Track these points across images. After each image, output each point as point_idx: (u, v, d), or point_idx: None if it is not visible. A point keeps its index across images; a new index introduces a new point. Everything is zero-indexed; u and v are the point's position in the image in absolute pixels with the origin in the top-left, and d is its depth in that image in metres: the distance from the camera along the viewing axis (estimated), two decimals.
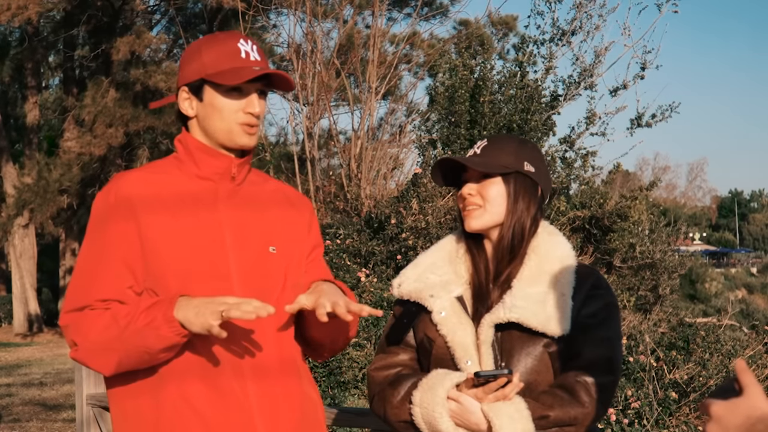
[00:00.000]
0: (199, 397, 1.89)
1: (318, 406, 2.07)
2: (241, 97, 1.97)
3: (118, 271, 1.91)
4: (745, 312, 22.00)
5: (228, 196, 2.00)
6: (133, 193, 1.94)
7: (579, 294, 2.04)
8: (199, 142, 2.00)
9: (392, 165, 12.40)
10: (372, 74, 11.94)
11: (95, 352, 1.89)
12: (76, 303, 1.92)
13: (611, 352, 2.02)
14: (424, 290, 2.11)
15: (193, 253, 1.92)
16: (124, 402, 1.96)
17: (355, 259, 8.78)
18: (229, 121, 1.97)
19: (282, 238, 2.04)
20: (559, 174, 10.53)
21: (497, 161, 2.08)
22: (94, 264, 1.94)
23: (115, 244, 1.92)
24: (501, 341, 2.01)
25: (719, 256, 55.78)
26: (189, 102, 2.00)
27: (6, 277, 26.92)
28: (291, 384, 1.99)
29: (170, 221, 1.93)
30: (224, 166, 2.00)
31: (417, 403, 1.98)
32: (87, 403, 4.07)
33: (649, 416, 5.58)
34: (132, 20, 20.64)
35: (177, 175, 2.00)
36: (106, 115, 18.53)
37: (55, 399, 10.83)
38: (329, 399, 6.52)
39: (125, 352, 1.86)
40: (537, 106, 10.08)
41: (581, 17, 10.98)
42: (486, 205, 2.09)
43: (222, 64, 1.95)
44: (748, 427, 1.13)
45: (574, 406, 1.94)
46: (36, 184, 19.22)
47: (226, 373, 1.90)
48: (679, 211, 42.95)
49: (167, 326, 1.81)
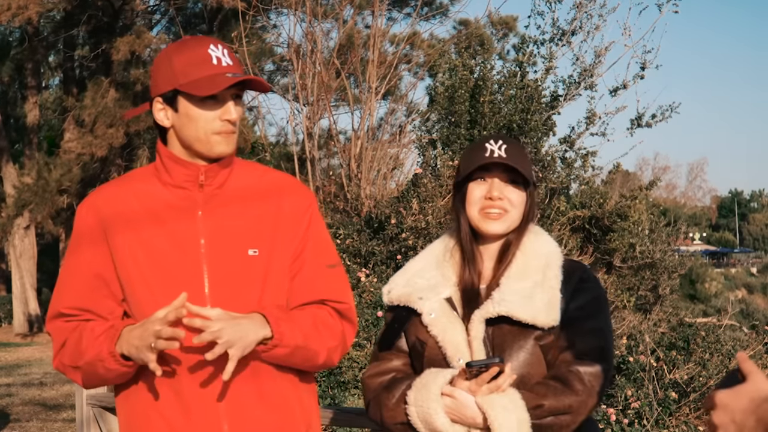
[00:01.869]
0: (166, 403, 1.93)
1: (295, 409, 2.02)
2: (217, 104, 1.92)
3: (92, 284, 1.98)
4: (745, 312, 21.99)
5: (206, 201, 1.98)
6: (107, 213, 1.98)
7: (567, 287, 2.05)
8: (169, 152, 1.98)
9: (392, 165, 12.40)
10: (372, 74, 11.94)
11: (68, 368, 2.00)
12: (52, 311, 2.02)
13: (602, 341, 2.03)
14: (412, 294, 2.13)
15: (165, 265, 1.92)
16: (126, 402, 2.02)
17: (355, 259, 8.78)
18: (205, 130, 1.92)
19: (267, 238, 1.99)
20: (559, 174, 10.52)
21: (524, 169, 2.08)
22: (69, 276, 2.02)
23: (87, 263, 1.99)
24: (492, 337, 2.02)
25: (719, 256, 55.78)
26: (164, 112, 1.96)
27: (6, 277, 26.90)
28: (266, 386, 1.96)
29: (143, 237, 1.95)
30: (193, 174, 1.96)
31: (412, 403, 1.99)
32: (87, 403, 4.07)
33: (649, 416, 5.57)
34: (132, 20, 20.62)
35: (155, 184, 2.00)
36: (106, 115, 18.51)
37: (55, 399, 10.83)
38: (329, 399, 6.52)
39: (85, 375, 1.97)
40: (537, 106, 10.07)
41: (581, 17, 10.98)
42: (512, 212, 2.09)
43: (194, 73, 1.89)
44: (753, 408, 1.14)
45: (568, 394, 1.95)
46: (36, 184, 19.20)
47: (197, 375, 1.91)
48: (679, 211, 42.94)
49: (112, 359, 1.88)
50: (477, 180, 2.10)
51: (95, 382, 1.99)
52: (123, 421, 2.02)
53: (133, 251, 1.94)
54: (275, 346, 1.90)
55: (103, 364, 1.89)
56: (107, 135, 18.57)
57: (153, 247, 1.93)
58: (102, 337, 1.90)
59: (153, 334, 1.78)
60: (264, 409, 1.95)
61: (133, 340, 1.83)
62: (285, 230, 2.01)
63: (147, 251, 1.93)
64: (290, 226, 2.02)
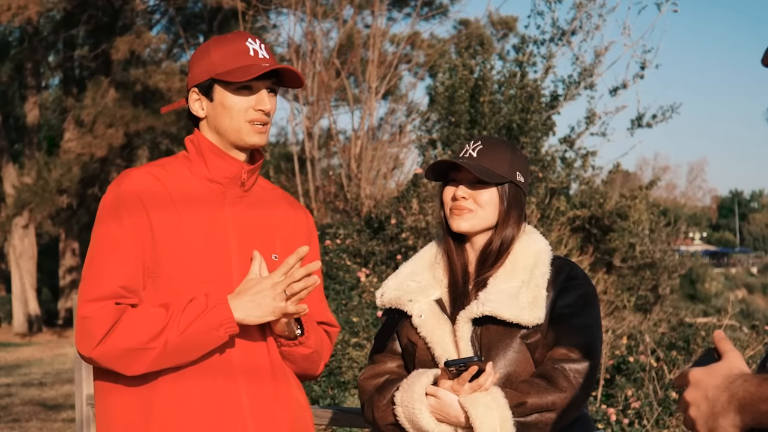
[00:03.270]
0: (192, 398, 1.89)
1: (306, 410, 2.08)
2: (251, 94, 1.97)
3: (138, 262, 1.90)
4: (745, 312, 21.97)
5: (235, 201, 2.00)
6: (143, 189, 1.93)
7: (554, 285, 2.08)
8: (212, 144, 1.99)
9: (392, 165, 12.41)
10: (372, 74, 11.95)
11: (125, 353, 1.84)
12: (99, 291, 1.87)
13: (589, 338, 2.05)
14: (403, 296, 2.17)
15: (198, 254, 1.92)
16: (110, 397, 1.95)
17: (355, 259, 8.78)
18: (238, 119, 1.96)
19: (284, 246, 2.04)
20: (559, 174, 10.52)
21: (494, 169, 2.11)
22: (111, 251, 1.90)
23: (130, 235, 1.90)
24: (480, 337, 2.05)
25: (719, 256, 55.75)
26: (199, 103, 2.00)
27: (6, 277, 26.89)
28: (282, 387, 1.99)
29: (178, 220, 1.93)
30: (235, 171, 1.99)
31: (399, 403, 2.02)
32: (87, 403, 4.07)
33: (649, 416, 5.57)
34: (132, 20, 20.64)
35: (185, 174, 1.99)
36: (106, 115, 18.52)
37: (55, 399, 10.83)
38: (329, 399, 6.52)
39: (166, 355, 1.84)
40: (537, 106, 10.07)
41: (581, 17, 10.97)
42: (477, 210, 2.11)
43: (231, 63, 1.95)
44: (726, 385, 1.14)
45: (552, 392, 1.97)
46: (36, 184, 19.22)
47: (218, 373, 1.91)
48: (679, 211, 42.94)
49: (225, 327, 1.85)
50: (450, 182, 2.16)
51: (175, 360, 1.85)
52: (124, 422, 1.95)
53: (169, 234, 1.91)
54: (301, 343, 1.97)
55: (214, 333, 1.84)
56: (107, 135, 18.59)
57: (185, 235, 1.92)
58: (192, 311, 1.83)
59: (280, 283, 1.84)
60: (281, 410, 1.97)
61: (254, 300, 1.85)
62: (295, 243, 2.05)
63: (180, 238, 1.92)
64: (297, 239, 2.08)
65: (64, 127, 20.97)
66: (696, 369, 1.19)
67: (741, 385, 1.12)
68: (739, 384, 1.12)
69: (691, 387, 1.18)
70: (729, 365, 1.17)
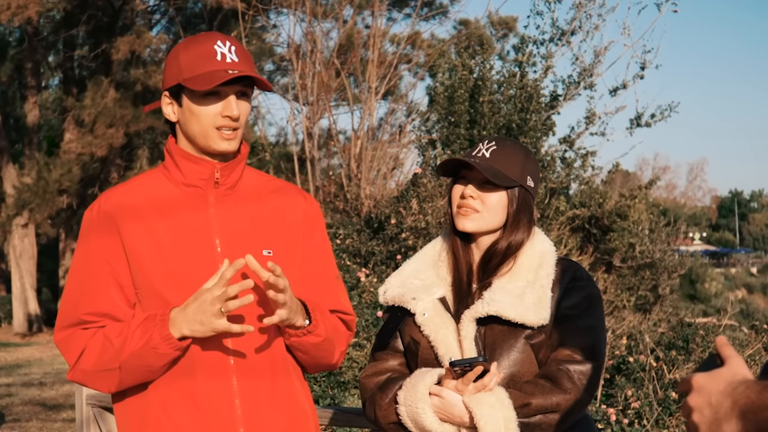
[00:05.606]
0: (183, 400, 1.88)
1: (306, 414, 2.03)
2: (218, 100, 1.91)
3: (106, 285, 1.91)
4: (745, 312, 21.97)
5: (218, 201, 1.97)
6: (116, 207, 1.93)
7: (559, 286, 2.07)
8: (181, 150, 1.96)
9: (392, 165, 12.40)
10: (372, 74, 11.94)
11: (93, 375, 1.89)
12: (68, 319, 1.92)
13: (593, 340, 2.05)
14: (406, 294, 2.15)
15: (180, 261, 1.90)
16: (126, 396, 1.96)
17: (355, 259, 8.78)
18: (206, 125, 1.91)
19: (279, 240, 2.00)
20: (559, 174, 10.51)
21: (505, 171, 2.09)
22: (82, 279, 1.94)
23: (99, 259, 1.91)
24: (484, 336, 2.04)
25: (719, 256, 55.73)
26: (171, 107, 1.97)
27: (6, 277, 26.89)
28: (281, 389, 1.96)
29: (155, 230, 1.91)
30: (207, 172, 1.95)
31: (402, 402, 2.01)
32: (87, 403, 4.07)
33: (649, 416, 5.57)
34: (132, 20, 20.63)
35: (165, 183, 1.98)
36: (106, 115, 18.51)
37: (55, 399, 10.83)
38: (329, 399, 6.52)
39: (126, 373, 1.87)
40: (536, 106, 10.06)
41: (581, 17, 10.97)
42: (483, 211, 2.10)
43: (196, 68, 1.88)
44: (729, 391, 1.14)
45: (556, 393, 1.96)
46: (36, 184, 19.20)
47: (214, 374, 1.89)
48: (679, 211, 42.94)
49: (165, 344, 1.81)
50: (460, 180, 2.14)
51: (136, 377, 1.87)
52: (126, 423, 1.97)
53: (145, 246, 1.90)
54: (309, 332, 1.93)
55: (155, 351, 1.81)
56: (107, 135, 18.57)
57: (166, 243, 1.91)
58: (142, 328, 1.83)
59: (218, 299, 1.77)
60: (277, 410, 1.95)
61: (195, 316, 1.79)
62: (295, 233, 2.03)
63: (159, 248, 1.91)
64: (299, 229, 2.04)
65: (64, 127, 20.95)
66: (699, 374, 1.19)
67: (743, 392, 1.12)
68: (742, 390, 1.12)
69: (694, 392, 1.18)
70: (732, 371, 1.17)
